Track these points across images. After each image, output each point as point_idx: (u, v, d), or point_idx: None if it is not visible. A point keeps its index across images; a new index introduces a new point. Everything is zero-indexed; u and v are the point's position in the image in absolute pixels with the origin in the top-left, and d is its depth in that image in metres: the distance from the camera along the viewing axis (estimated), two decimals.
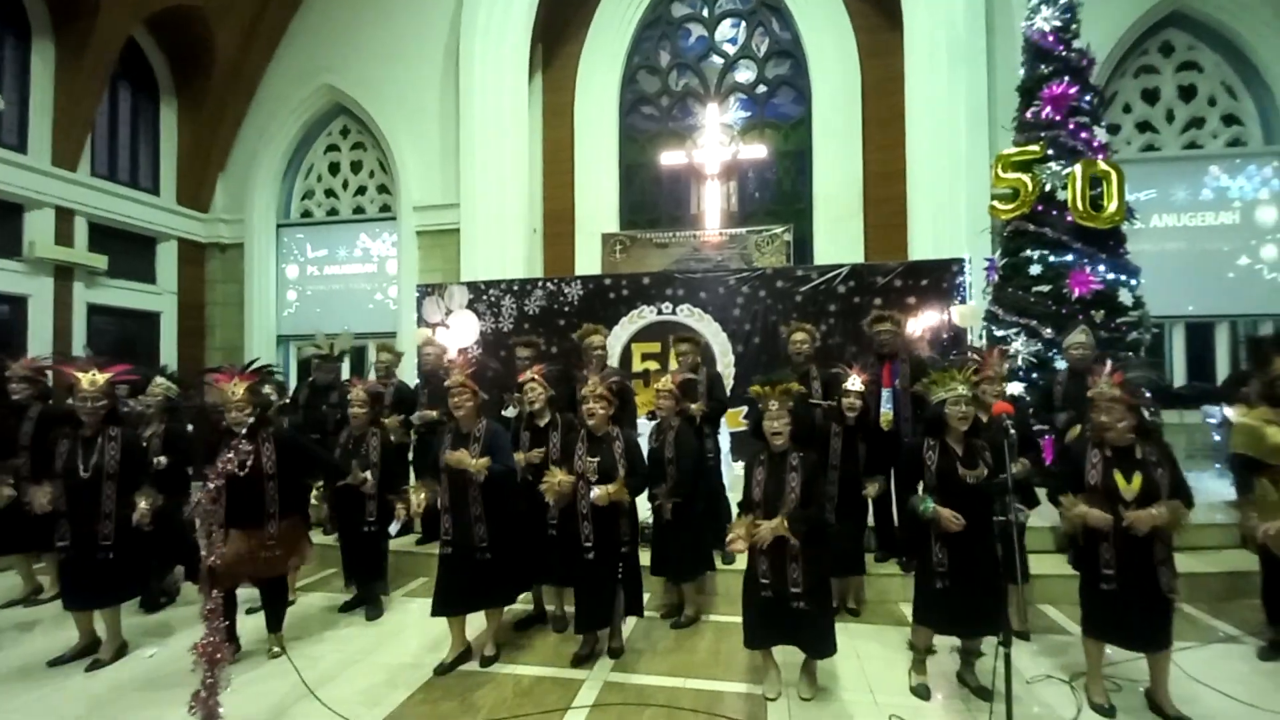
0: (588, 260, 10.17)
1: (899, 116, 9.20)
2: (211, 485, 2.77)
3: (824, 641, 3.03)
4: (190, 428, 4.81)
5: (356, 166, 11.22)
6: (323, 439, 4.67)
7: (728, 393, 6.92)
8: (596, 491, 3.28)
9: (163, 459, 4.08)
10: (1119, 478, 2.81)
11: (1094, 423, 2.95)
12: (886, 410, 4.32)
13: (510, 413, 4.26)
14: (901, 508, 3.31)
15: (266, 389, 4.32)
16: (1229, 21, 8.55)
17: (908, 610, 3.50)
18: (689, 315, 7.17)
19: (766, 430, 3.07)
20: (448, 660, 3.45)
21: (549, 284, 7.67)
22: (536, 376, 3.78)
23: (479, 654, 3.53)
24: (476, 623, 3.61)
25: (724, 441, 6.06)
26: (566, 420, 3.82)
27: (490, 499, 3.41)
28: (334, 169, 11.28)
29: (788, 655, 3.15)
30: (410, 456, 5.26)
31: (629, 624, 3.90)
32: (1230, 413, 3.68)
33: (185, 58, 10.37)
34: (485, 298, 7.73)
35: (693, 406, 4.33)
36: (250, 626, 3.85)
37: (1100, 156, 6.30)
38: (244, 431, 3.27)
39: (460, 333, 7.65)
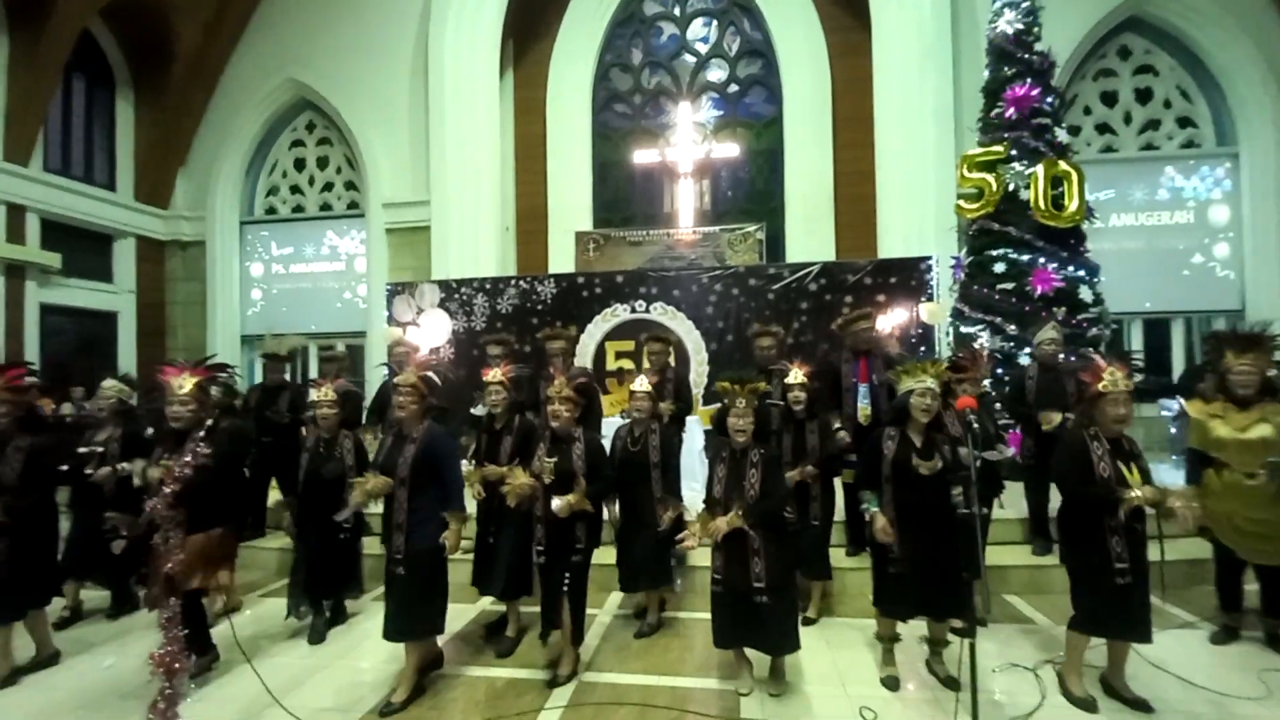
0: (561, 258, 10.12)
1: (868, 116, 9.34)
2: (169, 489, 2.67)
3: (786, 638, 3.05)
4: (150, 431, 4.66)
5: (323, 162, 11.00)
6: (276, 443, 4.54)
7: (700, 390, 6.98)
8: (558, 503, 3.14)
9: (127, 465, 3.94)
10: (1123, 468, 2.84)
11: (1102, 415, 2.92)
12: (864, 405, 4.37)
13: (479, 411, 4.21)
14: (855, 500, 3.33)
15: (214, 391, 4.20)
16: (1184, 27, 8.85)
17: None
18: (662, 314, 7.18)
19: (731, 427, 3.08)
20: (399, 699, 3.11)
21: (522, 282, 7.61)
22: (502, 380, 3.69)
23: (452, 660, 3.45)
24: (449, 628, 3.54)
25: (698, 440, 6.10)
26: (526, 423, 3.73)
27: (416, 506, 3.13)
28: (300, 165, 11.04)
29: (759, 651, 3.17)
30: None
31: (595, 627, 3.88)
32: (1185, 406, 3.80)
33: (143, 50, 10.06)
34: (457, 296, 7.63)
35: (662, 405, 4.33)
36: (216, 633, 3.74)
37: (1062, 156, 6.46)
38: (201, 433, 3.16)
39: (432, 332, 7.54)
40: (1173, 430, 7.03)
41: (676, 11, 10.73)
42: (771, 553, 2.98)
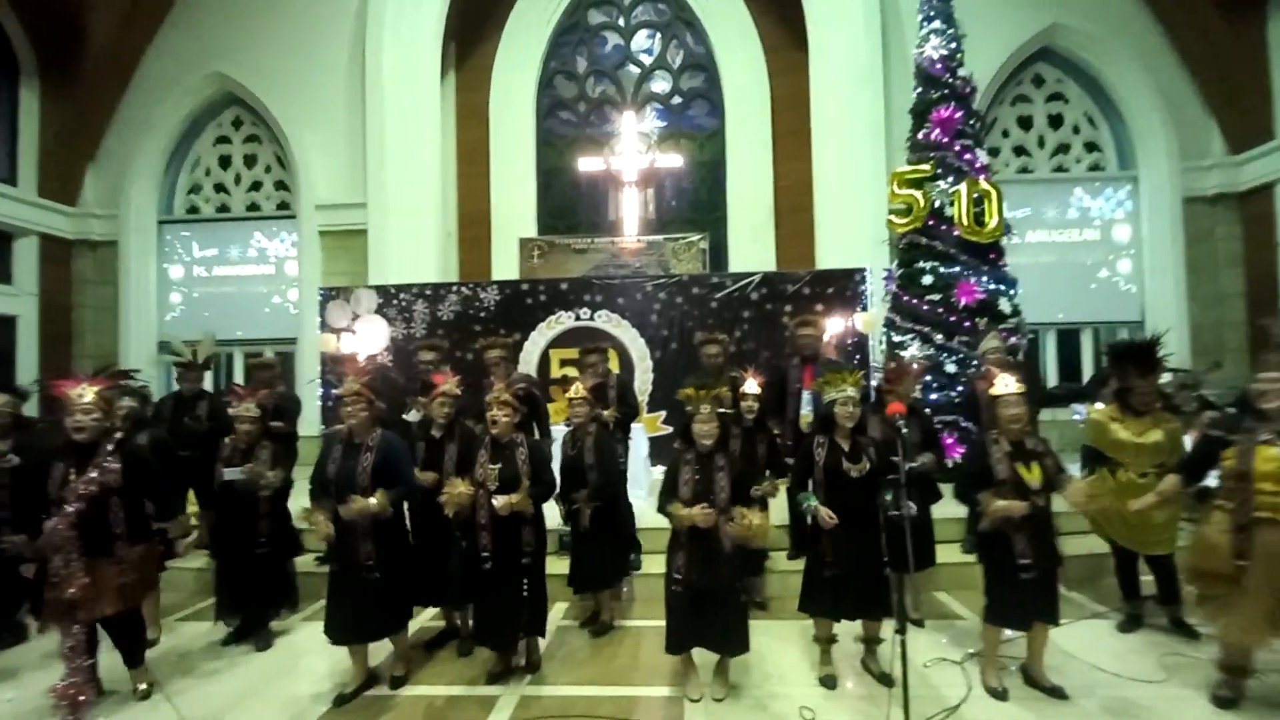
0: (505, 265, 9.99)
1: (806, 132, 9.66)
2: (70, 509, 2.48)
3: (742, 638, 3.13)
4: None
5: (251, 160, 10.48)
6: (193, 454, 4.30)
7: (645, 397, 7.02)
8: (499, 501, 3.17)
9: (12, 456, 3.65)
10: (1022, 469, 3.03)
11: (999, 419, 3.13)
12: (806, 412, 4.50)
13: (412, 417, 4.11)
14: (792, 503, 3.46)
15: (126, 401, 3.96)
16: (1089, 59, 9.57)
17: None
18: (607, 321, 7.19)
19: (697, 433, 3.14)
20: (349, 689, 3.24)
21: (464, 289, 7.47)
22: (447, 392, 3.66)
23: (387, 676, 3.36)
24: (384, 645, 3.43)
25: (643, 447, 6.12)
26: (465, 430, 3.71)
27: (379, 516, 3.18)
28: (225, 163, 10.49)
29: (704, 657, 3.20)
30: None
31: (548, 632, 3.84)
32: (1091, 410, 4.10)
33: (51, 36, 9.34)
34: (396, 302, 7.42)
35: (605, 413, 4.35)
36: (110, 663, 3.47)
37: (982, 176, 6.85)
38: (110, 446, 2.95)
39: (368, 338, 7.29)
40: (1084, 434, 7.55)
41: (621, 22, 10.82)
42: (735, 552, 3.07)
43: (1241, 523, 2.80)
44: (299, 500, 4.07)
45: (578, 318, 7.23)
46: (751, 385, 3.96)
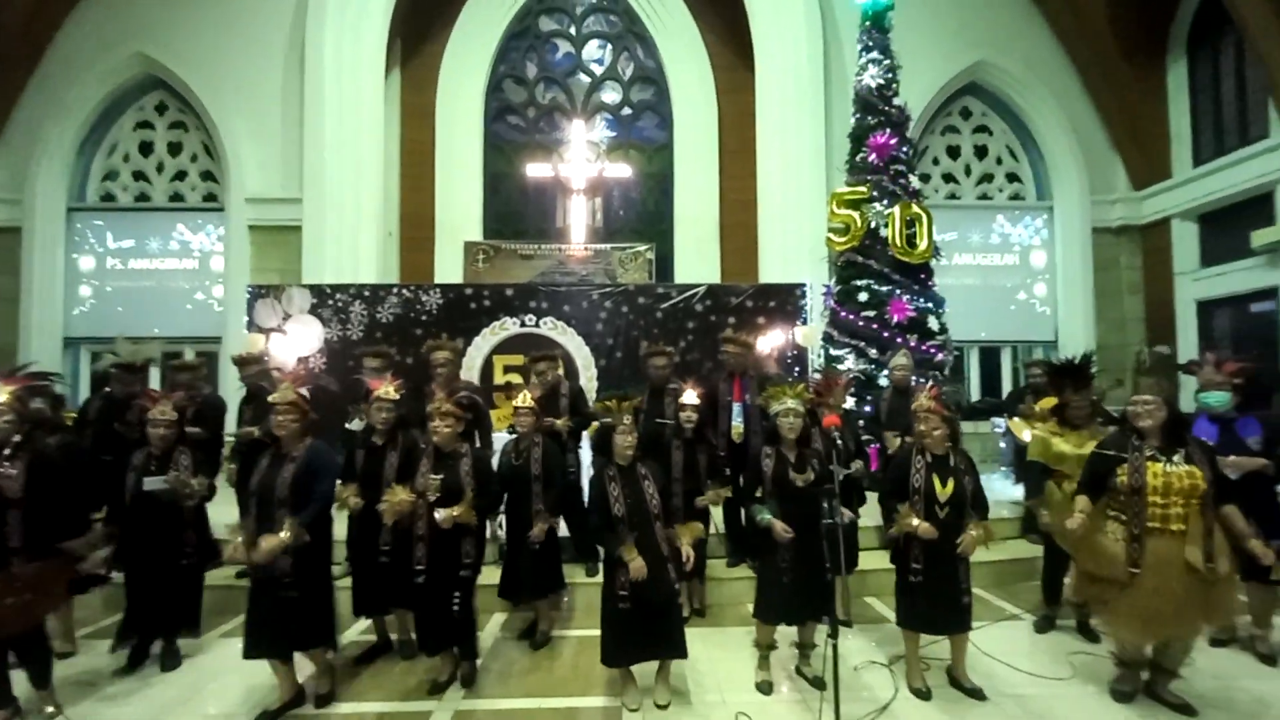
0: (448, 268, 9.80)
1: (752, 150, 9.93)
2: None
3: (681, 642, 3.15)
4: None
5: (175, 148, 9.91)
6: (118, 461, 4.01)
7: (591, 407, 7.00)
8: (441, 514, 3.08)
9: None
10: (936, 482, 3.18)
11: (916, 432, 3.34)
12: (737, 424, 4.59)
13: (356, 425, 3.97)
14: (747, 514, 3.53)
15: (37, 403, 3.67)
16: (1011, 95, 10.26)
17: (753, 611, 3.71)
18: (553, 329, 7.15)
19: (619, 445, 3.14)
20: (274, 707, 3.08)
21: (405, 291, 7.27)
22: (387, 400, 3.55)
23: (312, 695, 3.21)
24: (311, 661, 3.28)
25: (584, 456, 6.10)
26: (409, 438, 3.60)
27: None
28: (146, 149, 9.87)
29: (643, 665, 3.21)
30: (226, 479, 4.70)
31: (484, 645, 3.77)
32: (1010, 423, 4.35)
33: None
34: (331, 303, 7.15)
35: (558, 422, 4.32)
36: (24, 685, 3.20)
37: (914, 200, 7.22)
38: (7, 451, 2.73)
39: (300, 340, 7.00)
40: (1001, 444, 8.01)
41: (572, 31, 10.85)
42: (677, 560, 3.10)
43: (1135, 533, 2.98)
44: (224, 511, 3.88)
45: (523, 324, 7.16)
46: (690, 396, 3.97)
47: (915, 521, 3.13)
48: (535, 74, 10.79)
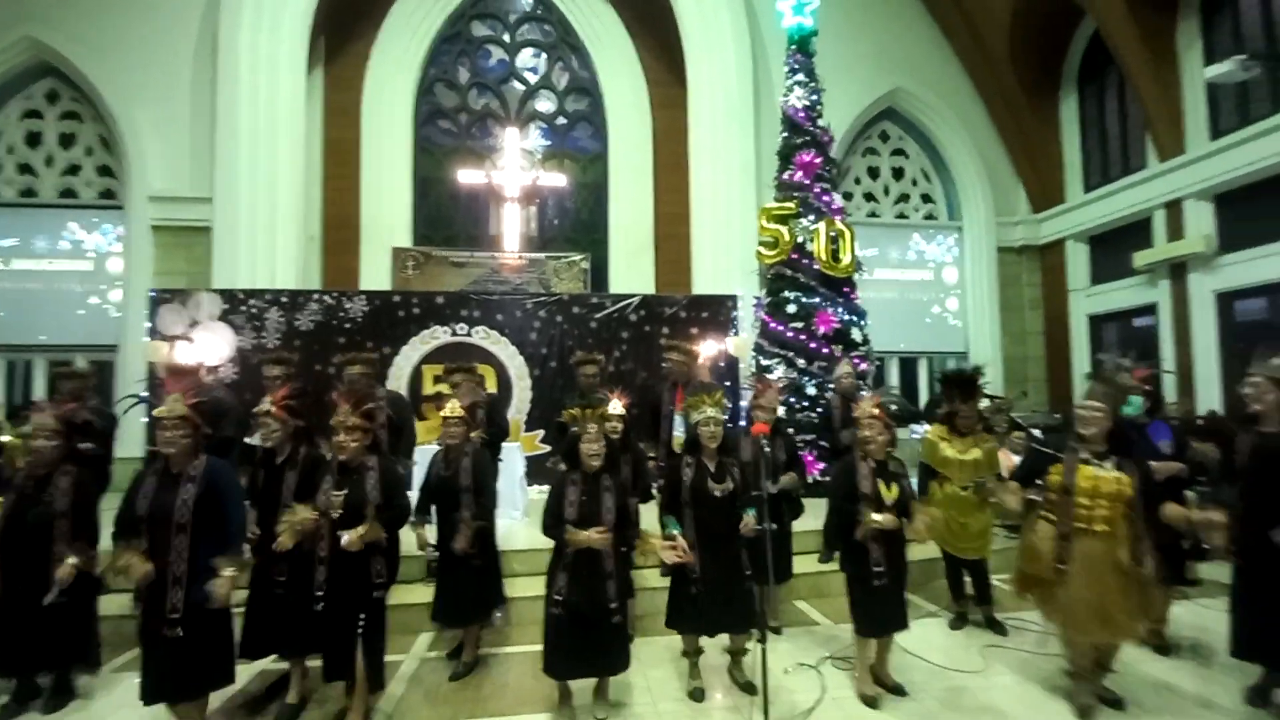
0: (375, 275, 9.46)
1: (685, 164, 10.13)
2: None
3: (625, 656, 3.13)
4: None
5: (67, 140, 9.14)
6: None
7: (524, 416, 6.90)
8: (346, 537, 2.85)
9: None
10: (882, 486, 3.28)
11: (859, 439, 3.42)
12: (679, 434, 4.62)
13: (258, 440, 3.70)
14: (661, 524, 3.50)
15: None
16: (925, 121, 10.94)
17: None
18: (485, 338, 7.00)
19: (584, 453, 3.10)
20: None
21: (327, 297, 6.94)
22: (276, 410, 3.29)
23: None
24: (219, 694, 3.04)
25: (519, 467, 6.00)
26: (311, 455, 3.34)
27: (197, 555, 2.71)
28: (34, 140, 9.05)
29: (583, 680, 3.17)
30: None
31: (403, 670, 3.61)
32: (928, 431, 4.61)
33: None
34: (245, 309, 6.73)
35: (473, 434, 4.21)
36: None
37: (838, 217, 7.55)
38: None
39: (209, 348, 6.54)
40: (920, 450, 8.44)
41: (506, 38, 10.76)
42: (622, 573, 3.06)
43: (1063, 532, 3.06)
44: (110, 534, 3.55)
45: (454, 333, 6.97)
46: (616, 406, 3.91)
47: (880, 516, 3.17)
48: (468, 79, 10.61)
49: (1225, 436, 3.51)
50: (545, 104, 10.82)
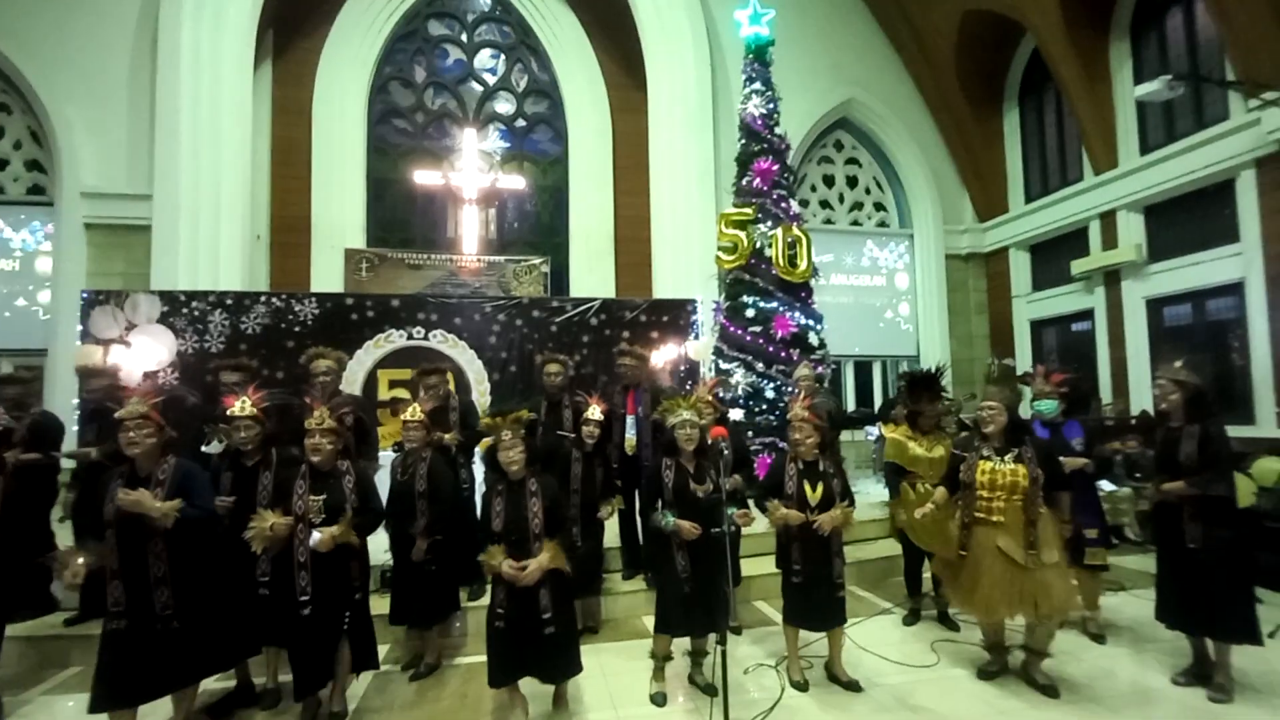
0: (327, 277, 9.18)
1: (645, 168, 10.17)
2: None
3: (571, 663, 3.08)
4: None
5: None
6: None
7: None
8: (318, 535, 2.88)
9: None
10: (807, 487, 3.39)
11: (789, 440, 3.55)
12: (630, 436, 4.62)
13: (213, 448, 3.58)
14: (646, 525, 3.55)
15: None
16: (876, 131, 11.26)
17: (650, 623, 3.74)
18: (443, 342, 6.87)
19: (503, 461, 3.05)
20: None
21: (275, 300, 6.70)
22: (253, 412, 3.24)
23: None
24: (160, 709, 2.90)
25: (477, 472, 5.89)
26: (283, 457, 3.30)
27: (179, 554, 2.77)
28: None
29: (537, 687, 3.12)
30: (61, 514, 4.10)
31: (362, 680, 3.51)
32: (884, 431, 4.72)
33: None
34: (186, 311, 6.44)
35: (446, 436, 4.14)
36: None
37: (795, 223, 7.69)
38: None
39: (147, 352, 6.24)
40: (874, 452, 8.66)
41: (464, 38, 10.62)
42: (558, 579, 2.99)
43: (965, 522, 3.45)
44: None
45: (410, 336, 6.81)
46: (595, 411, 3.99)
47: (783, 510, 3.35)
48: (424, 78, 10.42)
49: (1152, 432, 3.78)
50: (504, 105, 10.72)
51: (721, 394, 4.94)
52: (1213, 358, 7.75)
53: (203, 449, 3.66)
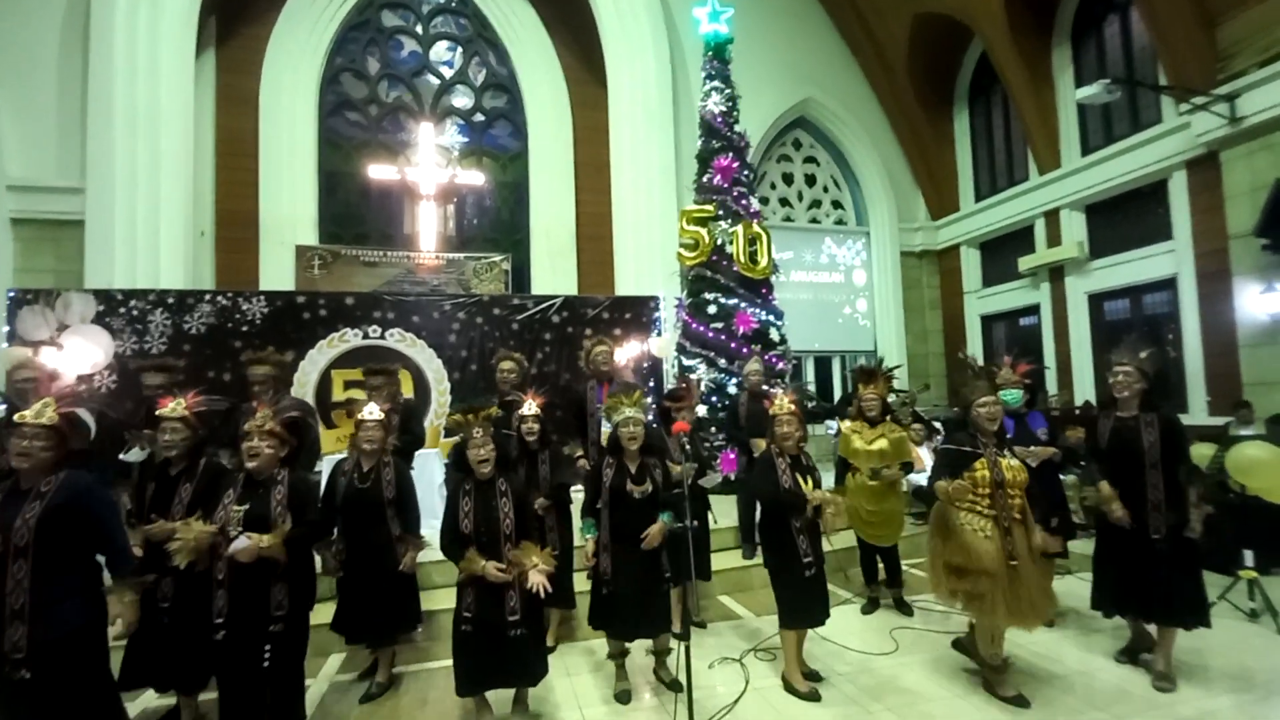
0: (277, 274, 8.86)
1: (606, 165, 10.12)
2: None
3: (538, 667, 3.02)
4: None
5: None
6: None
7: (443, 421, 6.65)
8: (239, 543, 2.58)
9: None
10: (800, 480, 3.34)
11: (776, 435, 3.44)
12: (607, 430, 4.57)
13: (134, 456, 3.34)
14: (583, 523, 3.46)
15: None
16: (834, 130, 11.46)
17: None
18: (400, 340, 6.71)
19: (473, 459, 2.96)
20: None
21: (221, 298, 6.43)
22: (184, 414, 3.00)
23: None
24: None
25: (437, 475, 5.77)
26: (211, 465, 3.08)
27: (51, 581, 2.32)
28: None
29: (498, 692, 3.07)
30: None
31: (320, 689, 3.40)
32: (841, 425, 4.81)
33: None
34: (124, 311, 6.13)
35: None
36: None
37: (755, 220, 7.77)
38: None
39: (81, 354, 5.91)
40: (834, 446, 8.81)
41: (419, 30, 10.36)
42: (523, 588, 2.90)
43: (1006, 526, 3.07)
44: None
45: (366, 336, 6.63)
46: (530, 407, 3.81)
47: (817, 492, 3.23)
48: (378, 70, 10.14)
49: (1093, 422, 3.81)
50: (462, 99, 10.50)
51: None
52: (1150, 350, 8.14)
53: (121, 456, 3.39)
